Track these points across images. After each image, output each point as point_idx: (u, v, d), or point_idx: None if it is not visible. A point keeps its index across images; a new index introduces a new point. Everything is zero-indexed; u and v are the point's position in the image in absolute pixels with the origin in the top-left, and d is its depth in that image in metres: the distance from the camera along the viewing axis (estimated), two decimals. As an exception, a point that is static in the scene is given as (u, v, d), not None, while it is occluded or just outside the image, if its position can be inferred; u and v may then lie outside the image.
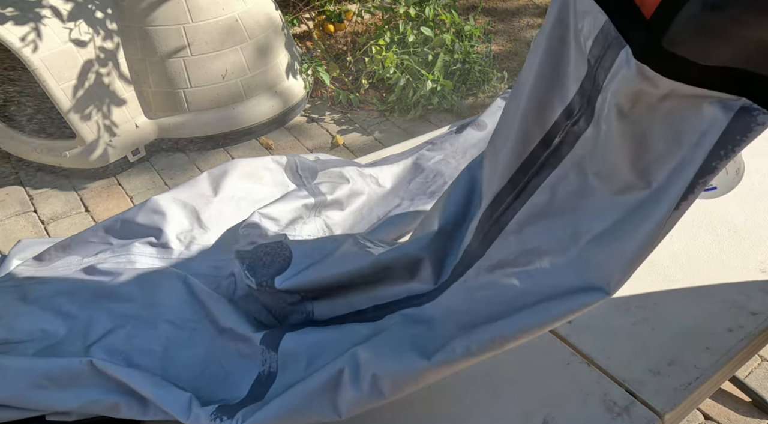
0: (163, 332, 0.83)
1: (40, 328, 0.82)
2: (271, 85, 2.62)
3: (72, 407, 0.74)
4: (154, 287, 0.89)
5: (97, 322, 0.84)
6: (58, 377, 0.75)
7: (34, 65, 2.14)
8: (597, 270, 0.62)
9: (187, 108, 2.49)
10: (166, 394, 0.74)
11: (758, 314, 0.87)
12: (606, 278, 0.62)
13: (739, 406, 1.60)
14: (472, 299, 0.72)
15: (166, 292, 0.88)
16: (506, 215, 0.70)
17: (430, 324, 0.72)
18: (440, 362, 0.67)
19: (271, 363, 0.77)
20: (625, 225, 0.60)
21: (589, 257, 0.63)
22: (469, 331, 0.67)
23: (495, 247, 0.71)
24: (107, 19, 2.33)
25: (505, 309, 0.67)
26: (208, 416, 0.71)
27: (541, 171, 0.67)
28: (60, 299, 0.87)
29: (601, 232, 0.63)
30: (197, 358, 0.81)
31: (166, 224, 1.01)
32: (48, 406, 0.74)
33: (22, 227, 2.24)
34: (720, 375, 0.82)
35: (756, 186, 1.09)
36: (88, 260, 0.97)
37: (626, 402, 0.77)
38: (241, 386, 0.77)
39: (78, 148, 2.35)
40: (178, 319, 0.85)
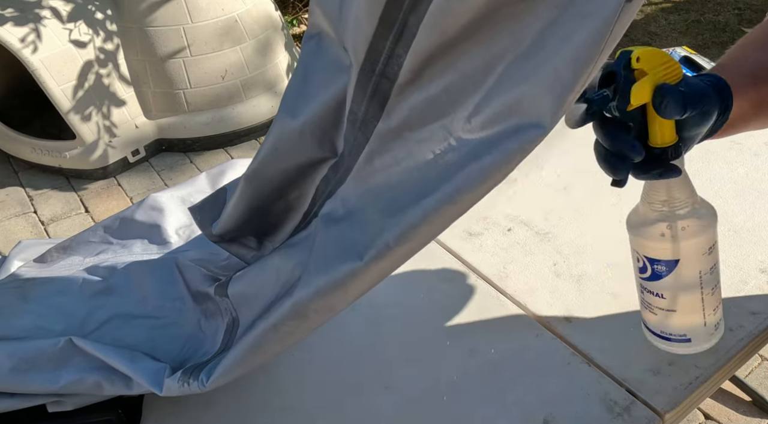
0: (151, 314, 0.83)
1: (36, 324, 0.82)
2: (270, 85, 2.62)
3: (55, 388, 0.73)
4: (146, 278, 0.89)
5: (93, 318, 0.84)
6: (36, 358, 0.74)
7: (34, 66, 2.14)
8: (524, 104, 0.49)
9: (186, 108, 2.49)
10: (141, 367, 0.73)
11: (758, 313, 0.87)
12: (536, 111, 0.48)
13: (739, 405, 1.60)
14: (387, 174, 0.59)
15: (158, 277, 0.88)
16: (391, 64, 0.56)
17: (350, 218, 0.62)
18: (374, 259, 0.58)
19: (231, 310, 0.75)
20: (550, 39, 0.47)
21: (508, 93, 0.49)
22: (396, 215, 0.56)
23: (391, 105, 0.58)
24: (107, 20, 2.34)
25: (431, 176, 0.54)
26: (176, 383, 0.70)
27: (419, 1, 0.52)
28: (61, 298, 0.87)
29: (517, 56, 0.49)
30: (181, 332, 0.81)
31: (165, 220, 1.01)
32: (33, 388, 0.74)
33: (22, 227, 2.24)
34: (720, 375, 0.82)
35: (756, 186, 1.09)
36: (89, 260, 0.97)
37: (626, 402, 0.77)
38: (216, 342, 0.76)
39: (78, 148, 2.35)
40: (167, 300, 0.85)
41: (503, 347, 0.85)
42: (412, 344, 0.86)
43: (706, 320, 0.73)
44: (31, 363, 0.74)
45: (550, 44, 0.47)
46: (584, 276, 0.95)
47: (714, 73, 0.62)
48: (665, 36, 3.43)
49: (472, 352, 0.85)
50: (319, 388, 0.81)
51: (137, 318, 0.84)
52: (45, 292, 0.88)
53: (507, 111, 0.49)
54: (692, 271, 0.68)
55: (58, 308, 0.85)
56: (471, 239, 1.03)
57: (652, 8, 3.73)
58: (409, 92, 0.56)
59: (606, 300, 0.91)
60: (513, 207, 1.08)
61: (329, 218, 0.65)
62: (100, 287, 0.88)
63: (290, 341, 0.69)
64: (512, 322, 0.88)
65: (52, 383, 0.74)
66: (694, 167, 1.13)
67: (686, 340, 0.75)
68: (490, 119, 0.51)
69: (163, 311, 0.84)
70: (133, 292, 0.87)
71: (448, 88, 0.54)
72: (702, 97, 0.58)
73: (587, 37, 0.45)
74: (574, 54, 0.45)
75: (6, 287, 0.90)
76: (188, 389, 0.70)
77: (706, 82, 0.60)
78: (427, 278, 0.96)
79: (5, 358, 0.75)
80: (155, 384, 0.71)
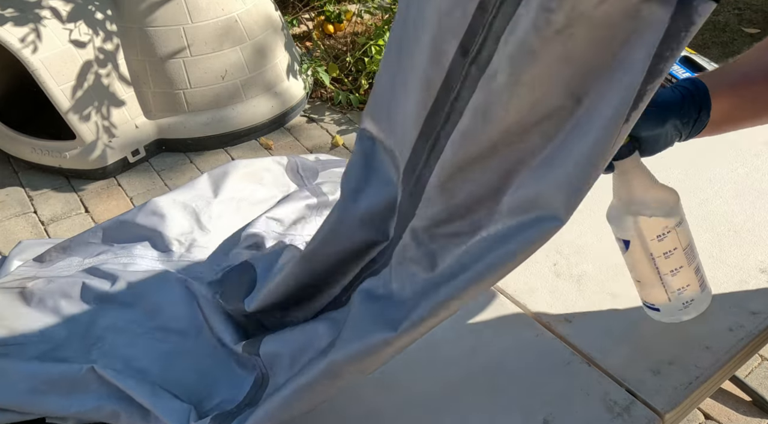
0: (162, 339, 0.83)
1: (40, 330, 0.82)
2: (270, 85, 2.61)
3: (72, 413, 0.74)
4: (154, 291, 0.89)
5: (98, 326, 0.84)
6: (58, 382, 0.75)
7: (33, 66, 2.14)
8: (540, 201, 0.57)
9: (186, 109, 2.49)
10: (164, 404, 0.73)
11: (758, 313, 0.87)
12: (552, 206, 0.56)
13: (739, 405, 1.60)
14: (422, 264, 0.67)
15: (167, 297, 0.88)
16: (425, 170, 0.64)
17: (389, 299, 0.69)
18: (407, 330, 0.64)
19: (260, 367, 0.77)
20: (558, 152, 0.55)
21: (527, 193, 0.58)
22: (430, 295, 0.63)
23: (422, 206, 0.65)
24: (107, 20, 2.33)
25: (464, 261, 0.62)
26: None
27: (448, 120, 0.60)
28: (61, 300, 0.87)
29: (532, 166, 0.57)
30: (196, 367, 0.81)
31: (166, 226, 1.01)
32: (47, 411, 0.74)
33: (22, 227, 2.24)
34: (720, 375, 0.82)
35: (756, 186, 1.09)
36: (89, 261, 0.97)
37: (626, 402, 0.77)
38: (240, 393, 0.77)
39: (78, 149, 2.35)
40: (178, 326, 0.85)
41: (503, 347, 0.85)
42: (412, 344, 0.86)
43: (669, 297, 0.79)
44: (53, 386, 0.75)
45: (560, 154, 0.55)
46: (584, 276, 0.95)
47: (695, 79, 0.71)
48: (665, 36, 3.43)
49: (472, 352, 0.85)
50: (319, 388, 0.81)
51: (147, 335, 0.83)
52: (46, 293, 0.88)
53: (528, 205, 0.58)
54: (641, 252, 0.77)
55: (60, 313, 0.85)
56: (471, 239, 1.03)
57: (651, 8, 3.73)
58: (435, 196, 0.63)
59: (606, 300, 0.91)
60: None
61: (369, 294, 0.70)
62: (102, 291, 0.88)
63: (319, 400, 0.71)
64: (512, 322, 0.89)
65: (70, 408, 0.74)
66: (694, 167, 1.13)
67: (656, 309, 0.82)
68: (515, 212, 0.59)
69: (177, 336, 0.84)
70: (140, 305, 0.87)
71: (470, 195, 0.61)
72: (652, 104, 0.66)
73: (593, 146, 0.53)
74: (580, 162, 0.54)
75: (6, 288, 0.90)
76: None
77: (678, 91, 0.70)
78: (427, 278, 0.96)
79: (22, 378, 0.75)
80: (174, 420, 0.72)
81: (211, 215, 1.05)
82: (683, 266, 0.77)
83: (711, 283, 0.91)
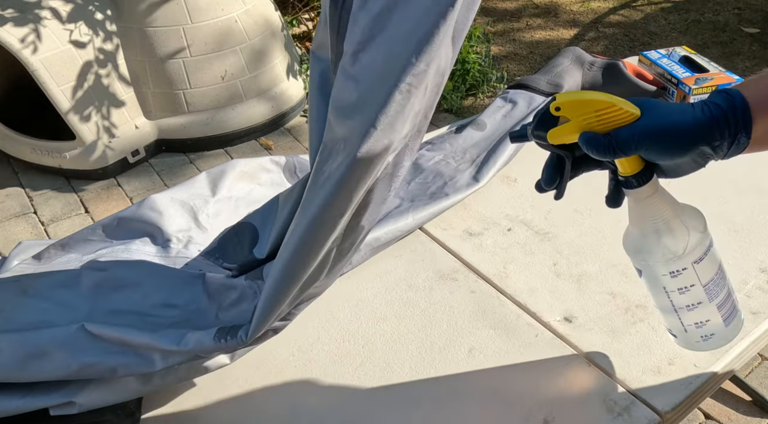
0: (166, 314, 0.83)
1: (41, 320, 0.82)
2: (270, 86, 2.62)
3: (68, 374, 0.73)
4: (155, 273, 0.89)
5: (99, 309, 0.83)
6: (49, 346, 0.74)
7: (33, 67, 2.14)
8: None
9: (186, 109, 2.49)
10: (161, 335, 0.74)
11: (758, 313, 0.87)
12: None
13: (739, 405, 1.60)
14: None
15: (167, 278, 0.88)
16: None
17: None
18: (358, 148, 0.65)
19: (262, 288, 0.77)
20: None
21: None
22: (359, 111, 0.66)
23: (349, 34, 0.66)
24: (107, 21, 2.34)
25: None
26: (212, 338, 0.72)
27: None
28: (60, 290, 0.87)
29: None
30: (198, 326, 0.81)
31: (164, 223, 1.01)
32: (44, 376, 0.74)
33: (22, 228, 2.24)
34: (720, 374, 0.82)
35: (756, 186, 1.09)
36: (87, 257, 0.97)
37: (626, 402, 0.77)
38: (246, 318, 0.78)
39: (77, 149, 2.35)
40: (180, 300, 0.85)
41: (503, 347, 0.85)
42: (413, 344, 0.86)
43: (685, 328, 0.72)
44: (44, 350, 0.74)
45: None
46: (584, 276, 0.95)
47: (732, 93, 0.60)
48: (665, 36, 3.43)
49: (472, 352, 0.85)
50: (319, 388, 0.81)
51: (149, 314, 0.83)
52: (45, 285, 0.88)
53: None
54: (655, 283, 0.70)
55: (60, 302, 0.85)
56: (471, 239, 1.03)
57: (652, 8, 3.73)
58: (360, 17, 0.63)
59: (606, 300, 0.91)
60: (513, 207, 1.08)
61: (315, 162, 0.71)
62: (101, 278, 0.88)
63: (303, 275, 0.72)
64: (512, 322, 0.89)
65: (64, 369, 0.73)
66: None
67: (673, 335, 0.75)
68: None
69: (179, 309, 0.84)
70: (139, 284, 0.87)
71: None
72: (660, 137, 0.59)
73: None
74: None
75: (5, 282, 0.90)
76: (223, 345, 0.72)
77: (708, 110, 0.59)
78: (427, 277, 0.96)
79: (17, 346, 0.75)
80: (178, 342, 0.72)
81: (208, 214, 1.05)
82: (702, 302, 0.69)
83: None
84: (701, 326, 0.71)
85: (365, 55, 0.63)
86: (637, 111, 0.60)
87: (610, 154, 0.60)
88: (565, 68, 1.37)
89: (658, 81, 1.37)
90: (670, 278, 0.68)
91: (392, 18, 0.61)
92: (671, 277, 0.68)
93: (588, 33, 3.50)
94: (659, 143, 0.59)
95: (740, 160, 0.93)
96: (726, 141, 0.59)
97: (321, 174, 0.69)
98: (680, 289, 0.68)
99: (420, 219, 1.04)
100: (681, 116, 0.59)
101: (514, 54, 3.34)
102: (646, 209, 0.66)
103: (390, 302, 0.92)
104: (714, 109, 0.59)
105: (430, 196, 1.09)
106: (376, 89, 0.63)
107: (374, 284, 0.96)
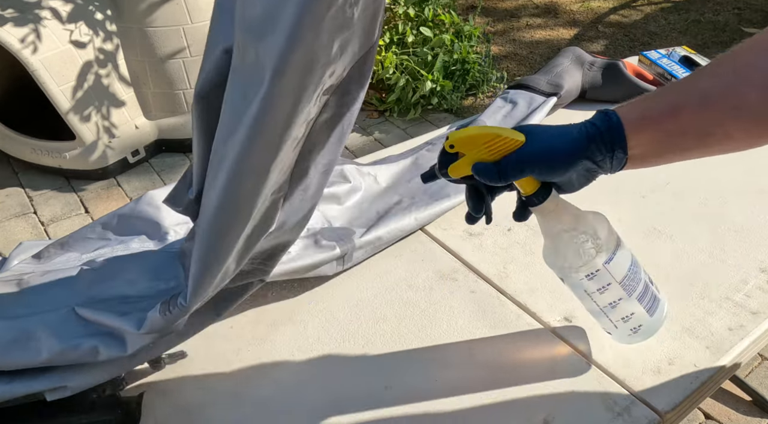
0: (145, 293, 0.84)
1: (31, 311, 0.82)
2: (270, 85, 2.61)
3: (53, 357, 0.73)
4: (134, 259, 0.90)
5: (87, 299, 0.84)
6: (36, 330, 0.75)
7: (33, 67, 2.14)
8: None
9: (186, 109, 2.49)
10: (129, 318, 0.74)
11: (758, 313, 0.87)
12: None
13: (739, 405, 1.60)
14: None
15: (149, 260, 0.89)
16: None
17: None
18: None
19: None
20: None
21: None
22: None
23: None
24: (107, 21, 2.34)
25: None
26: (158, 314, 0.71)
27: None
28: (56, 289, 0.87)
29: None
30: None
31: (163, 217, 1.01)
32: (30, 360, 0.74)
33: (22, 228, 2.24)
34: (720, 374, 0.82)
35: (756, 186, 1.09)
36: (87, 256, 0.98)
37: (626, 402, 0.77)
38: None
39: (77, 149, 2.35)
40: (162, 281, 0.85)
41: (503, 347, 0.85)
42: (412, 344, 0.86)
43: (615, 325, 0.78)
44: (31, 333, 0.74)
45: None
46: (584, 276, 0.95)
47: (609, 113, 0.64)
48: (665, 36, 3.43)
49: (471, 352, 0.85)
50: (319, 388, 0.81)
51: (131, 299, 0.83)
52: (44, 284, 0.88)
53: None
54: (577, 288, 0.77)
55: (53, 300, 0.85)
56: (471, 239, 1.03)
57: (652, 8, 3.73)
58: None
59: (606, 300, 0.91)
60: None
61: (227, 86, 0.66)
62: (92, 277, 0.89)
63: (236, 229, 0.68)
64: (512, 322, 0.89)
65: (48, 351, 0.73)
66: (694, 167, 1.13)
67: (608, 332, 0.82)
68: None
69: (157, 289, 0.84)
70: (119, 273, 0.87)
71: None
72: (541, 158, 0.65)
73: None
74: None
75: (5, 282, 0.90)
76: (171, 317, 0.71)
77: (585, 129, 0.64)
78: (427, 277, 0.96)
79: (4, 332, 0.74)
80: (137, 324, 0.72)
81: (207, 208, 1.06)
82: (622, 297, 0.75)
83: (711, 283, 0.91)
84: (628, 320, 0.78)
85: None
86: (522, 138, 0.65)
87: (500, 179, 0.66)
88: (565, 68, 1.37)
89: (658, 81, 1.37)
90: (587, 281, 0.74)
91: None
92: (588, 279, 0.74)
93: (588, 33, 3.50)
94: (542, 164, 0.65)
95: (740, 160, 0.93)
96: (606, 156, 0.64)
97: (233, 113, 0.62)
98: (599, 289, 0.75)
99: (422, 219, 1.04)
100: (560, 138, 0.65)
101: (514, 54, 3.34)
102: (552, 222, 0.73)
103: (390, 302, 0.92)
104: (590, 128, 0.64)
105: (431, 196, 1.09)
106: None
107: (374, 284, 0.96)
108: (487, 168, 0.66)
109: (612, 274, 0.74)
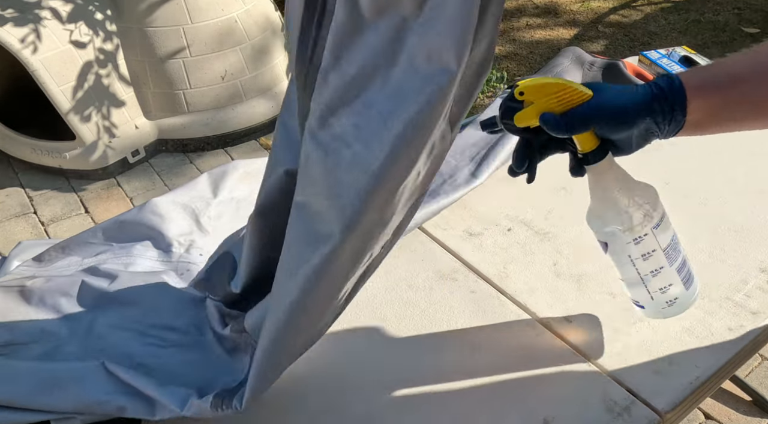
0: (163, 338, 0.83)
1: (41, 329, 0.82)
2: (270, 85, 2.62)
3: (77, 407, 0.74)
4: (155, 291, 0.89)
5: (98, 323, 0.84)
6: (64, 379, 0.74)
7: (33, 67, 2.14)
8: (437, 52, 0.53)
9: (186, 109, 2.49)
10: (169, 391, 0.74)
11: (758, 313, 0.87)
12: (443, 60, 0.53)
13: (739, 405, 1.60)
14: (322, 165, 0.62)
15: (167, 297, 0.88)
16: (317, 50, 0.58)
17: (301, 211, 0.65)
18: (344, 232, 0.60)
19: (252, 343, 0.77)
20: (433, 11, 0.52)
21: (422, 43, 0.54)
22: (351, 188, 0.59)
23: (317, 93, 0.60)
24: (107, 21, 2.34)
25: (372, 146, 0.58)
26: (208, 405, 0.71)
27: None
28: (61, 299, 0.87)
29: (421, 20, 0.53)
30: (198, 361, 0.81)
31: (166, 227, 1.01)
32: (53, 407, 0.74)
33: (22, 228, 2.24)
34: (720, 374, 0.82)
35: (756, 186, 1.09)
36: (88, 260, 0.97)
37: (627, 402, 0.77)
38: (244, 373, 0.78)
39: (78, 149, 2.35)
40: (179, 324, 0.85)
41: (503, 347, 0.85)
42: (412, 344, 0.86)
43: (652, 296, 0.79)
44: (56, 382, 0.74)
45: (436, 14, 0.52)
46: (584, 276, 0.95)
47: (672, 77, 0.67)
48: (665, 36, 3.43)
49: (472, 352, 0.85)
50: (319, 388, 0.81)
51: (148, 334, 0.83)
52: (46, 292, 0.88)
53: (420, 64, 0.54)
54: (621, 253, 0.77)
55: (61, 311, 0.85)
56: (471, 239, 1.03)
57: (652, 8, 3.73)
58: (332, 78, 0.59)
59: (606, 300, 0.91)
60: (513, 207, 1.08)
61: (297, 211, 0.66)
62: (102, 290, 0.88)
63: (300, 341, 0.71)
64: (512, 322, 0.89)
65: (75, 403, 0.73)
66: (694, 167, 1.13)
67: (641, 306, 0.82)
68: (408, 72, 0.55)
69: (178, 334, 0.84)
70: (139, 302, 0.87)
71: (363, 64, 0.57)
72: (608, 112, 0.67)
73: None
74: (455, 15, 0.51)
75: (6, 289, 0.90)
76: (221, 413, 0.71)
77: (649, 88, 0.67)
78: (427, 277, 0.96)
79: (30, 376, 0.75)
80: (180, 404, 0.72)
81: (210, 216, 1.05)
82: (663, 266, 0.76)
83: (711, 283, 0.91)
84: (665, 291, 0.78)
85: (335, 120, 0.59)
86: (590, 92, 0.67)
87: (566, 130, 0.67)
88: (565, 68, 1.37)
89: (658, 81, 1.36)
90: (633, 245, 0.75)
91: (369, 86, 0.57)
92: (635, 244, 0.75)
93: (588, 33, 3.50)
94: (608, 118, 0.67)
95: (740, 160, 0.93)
96: (666, 117, 0.66)
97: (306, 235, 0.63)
98: (644, 255, 0.75)
99: (420, 218, 1.04)
100: (626, 95, 0.67)
101: (514, 54, 3.33)
102: (605, 182, 0.73)
103: (390, 302, 0.92)
104: (654, 88, 0.67)
105: (429, 193, 1.09)
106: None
107: (374, 284, 0.96)
108: (554, 118, 0.67)
109: (658, 240, 0.75)
